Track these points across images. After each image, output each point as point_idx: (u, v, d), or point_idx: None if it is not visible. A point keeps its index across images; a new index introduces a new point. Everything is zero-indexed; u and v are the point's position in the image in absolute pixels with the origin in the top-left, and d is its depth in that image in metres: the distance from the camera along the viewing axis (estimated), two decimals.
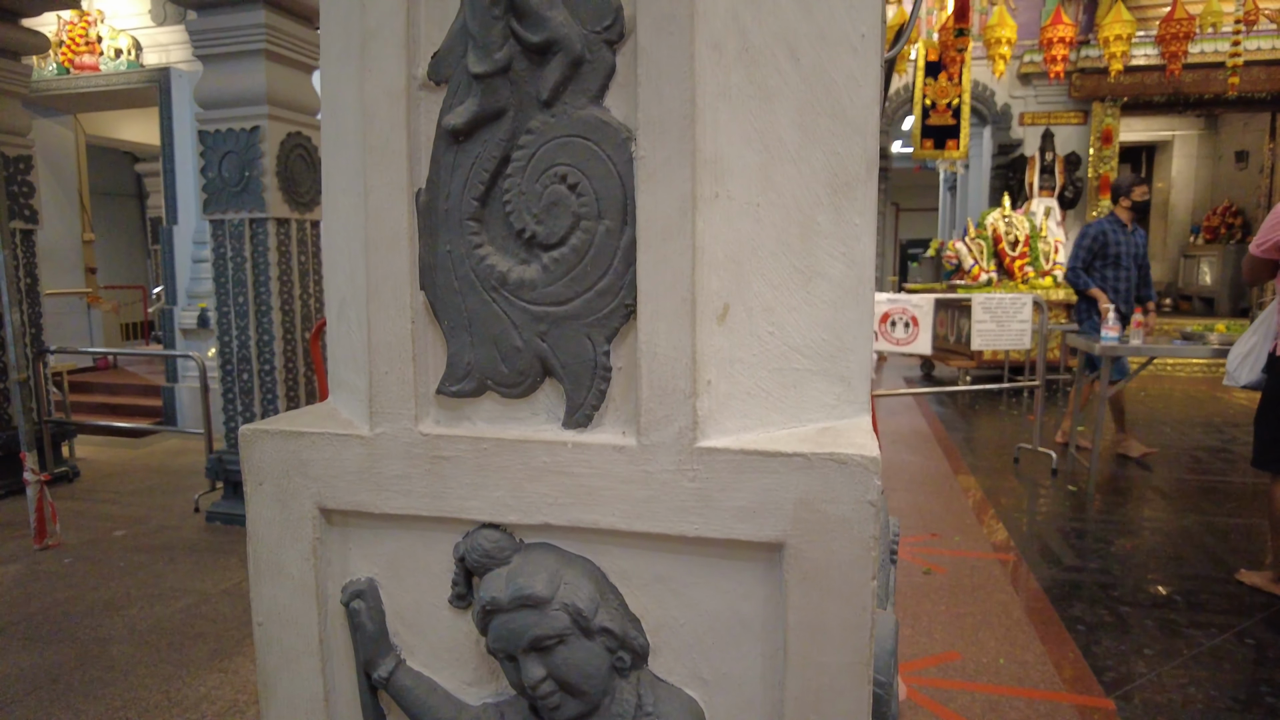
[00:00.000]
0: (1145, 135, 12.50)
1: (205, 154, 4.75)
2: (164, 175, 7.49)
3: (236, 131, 4.73)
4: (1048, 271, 8.78)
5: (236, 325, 4.83)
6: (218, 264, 4.81)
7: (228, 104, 4.64)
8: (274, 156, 4.73)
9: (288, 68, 4.74)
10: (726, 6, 0.70)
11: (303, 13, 4.77)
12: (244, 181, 4.73)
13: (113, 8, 7.68)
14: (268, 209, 4.72)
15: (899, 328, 5.34)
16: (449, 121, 0.75)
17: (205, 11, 4.64)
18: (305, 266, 5.11)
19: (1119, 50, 8.59)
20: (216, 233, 4.78)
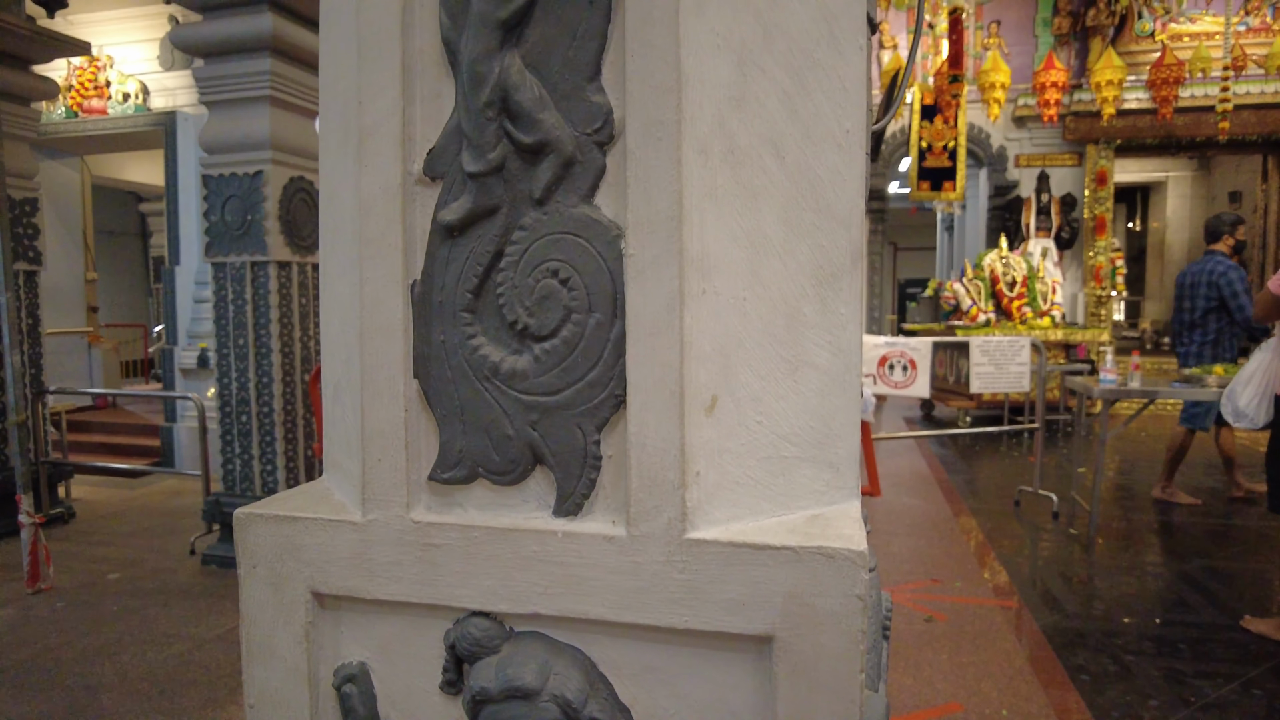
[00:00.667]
0: (1140, 176, 12.64)
1: (208, 198, 4.80)
2: (167, 216, 7.57)
3: (240, 176, 4.78)
4: (1045, 312, 8.82)
5: (236, 367, 4.84)
6: (219, 306, 4.84)
7: (232, 149, 4.70)
8: (276, 200, 4.77)
9: (291, 113, 4.81)
10: (713, 112, 0.73)
11: (307, 60, 4.85)
12: (246, 225, 4.77)
13: (122, 53, 7.83)
14: (269, 252, 4.75)
15: (897, 370, 5.35)
16: (444, 218, 0.76)
17: (213, 59, 4.72)
18: (306, 309, 5.13)
19: (1111, 95, 8.74)
20: (218, 275, 4.81)
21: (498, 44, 0.74)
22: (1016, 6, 10.11)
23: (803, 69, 0.76)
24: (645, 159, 0.71)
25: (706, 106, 0.72)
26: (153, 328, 11.15)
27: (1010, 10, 10.11)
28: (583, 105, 0.74)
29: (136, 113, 7.66)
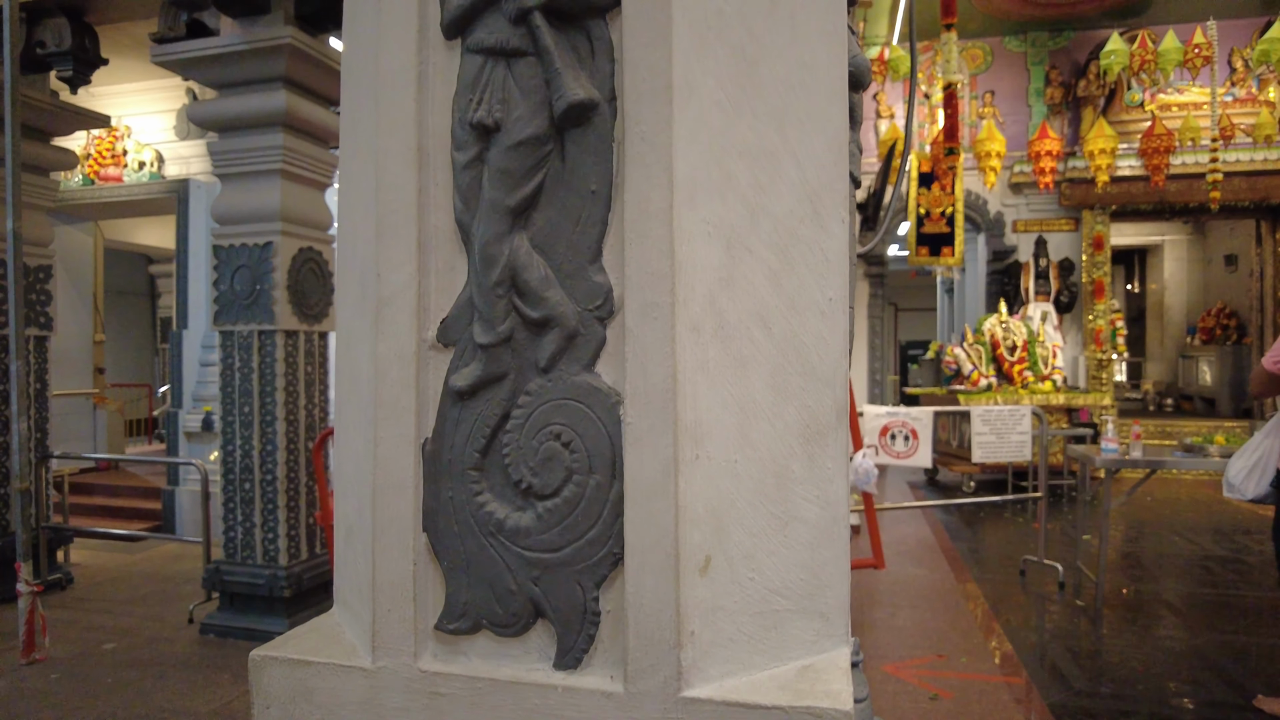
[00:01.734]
0: (1136, 239, 12.82)
1: (218, 267, 4.89)
2: (177, 280, 7.69)
3: (250, 247, 4.86)
4: (1047, 376, 8.86)
5: (241, 435, 4.87)
6: (225, 374, 4.89)
7: (243, 220, 4.79)
8: (285, 270, 4.85)
9: (302, 185, 4.93)
10: (704, 292, 0.78)
11: (319, 134, 4.99)
12: (254, 295, 4.85)
13: (140, 123, 8.06)
14: (277, 321, 4.81)
15: (899, 440, 5.37)
16: (455, 383, 0.81)
17: (227, 133, 4.86)
18: (311, 376, 5.18)
19: (1104, 163, 8.93)
20: (225, 343, 4.87)
21: (507, 228, 0.80)
22: (1009, 77, 10.40)
23: (787, 246, 0.82)
24: (642, 336, 0.76)
25: (698, 288, 0.77)
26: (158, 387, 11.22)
27: (1003, 81, 10.39)
28: (585, 284, 0.79)
29: (151, 180, 7.86)
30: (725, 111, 0.80)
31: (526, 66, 0.80)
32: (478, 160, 0.81)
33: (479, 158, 0.81)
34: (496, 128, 0.80)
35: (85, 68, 5.82)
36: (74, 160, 6.07)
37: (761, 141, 0.82)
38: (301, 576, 4.77)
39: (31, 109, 5.48)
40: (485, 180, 0.81)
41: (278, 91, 4.71)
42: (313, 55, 4.70)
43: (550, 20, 0.79)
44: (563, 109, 0.78)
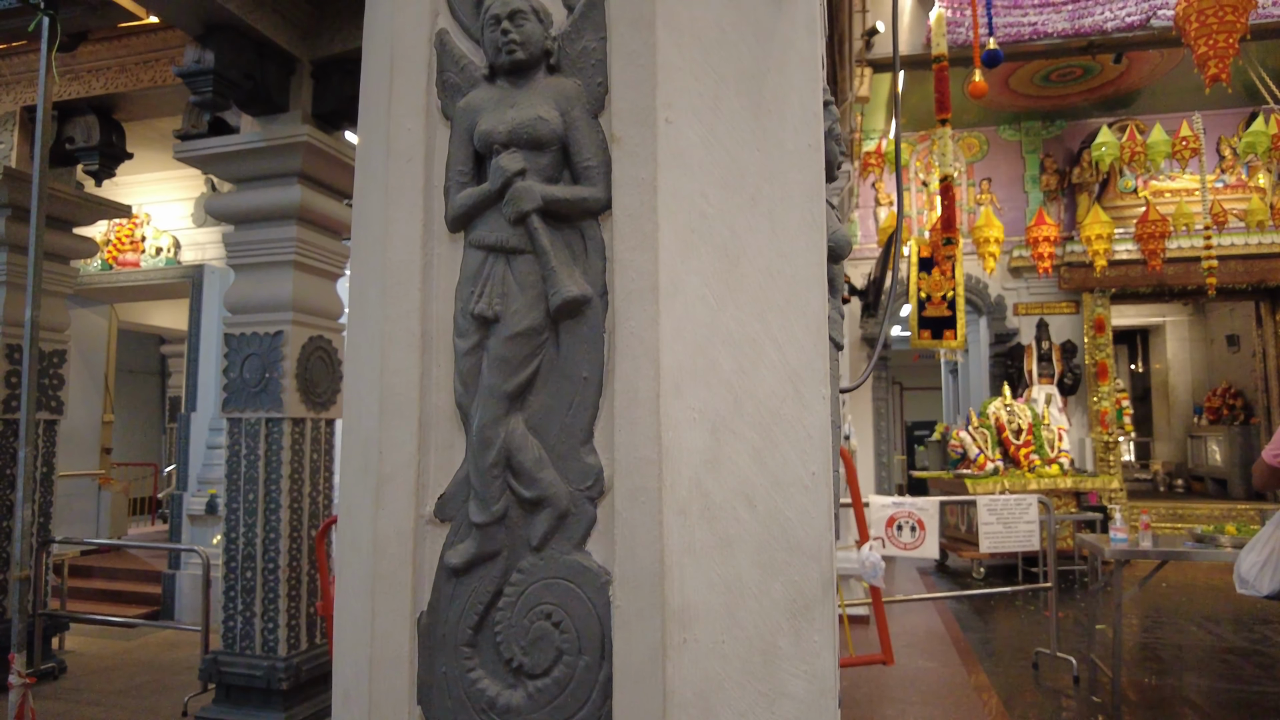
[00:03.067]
0: (1137, 320, 12.90)
1: (229, 355, 4.95)
2: (187, 364, 7.79)
3: (260, 335, 4.94)
4: (1053, 459, 8.81)
5: (245, 522, 4.86)
6: (231, 460, 4.90)
7: (255, 309, 4.88)
8: (295, 359, 4.91)
9: (314, 276, 5.03)
10: (690, 475, 0.82)
11: (331, 226, 5.13)
12: (264, 383, 4.90)
13: (159, 211, 8.30)
14: (285, 409, 4.85)
15: (905, 532, 5.33)
16: (450, 559, 0.84)
17: (243, 225, 5.00)
18: (317, 464, 5.19)
19: (1101, 248, 9.08)
20: (233, 430, 4.90)
21: (504, 411, 0.84)
22: (1005, 165, 10.67)
23: (770, 425, 0.86)
24: (631, 520, 0.79)
25: (684, 472, 0.81)
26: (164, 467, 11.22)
27: (1000, 168, 10.66)
28: (577, 464, 0.83)
29: (167, 266, 8.05)
30: (709, 305, 0.85)
31: (525, 263, 0.85)
32: (478, 347, 0.86)
33: (479, 345, 0.86)
34: (496, 319, 0.85)
35: (111, 162, 6.03)
36: (94, 249, 6.23)
37: (744, 329, 0.87)
38: (300, 668, 4.69)
39: (57, 201, 5.67)
40: (485, 366, 0.86)
41: (293, 186, 4.87)
42: (328, 151, 4.87)
43: (547, 221, 0.85)
44: (558, 304, 0.83)
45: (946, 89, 6.23)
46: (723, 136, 0.89)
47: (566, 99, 0.87)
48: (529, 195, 0.85)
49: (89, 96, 5.60)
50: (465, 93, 0.90)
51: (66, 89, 5.56)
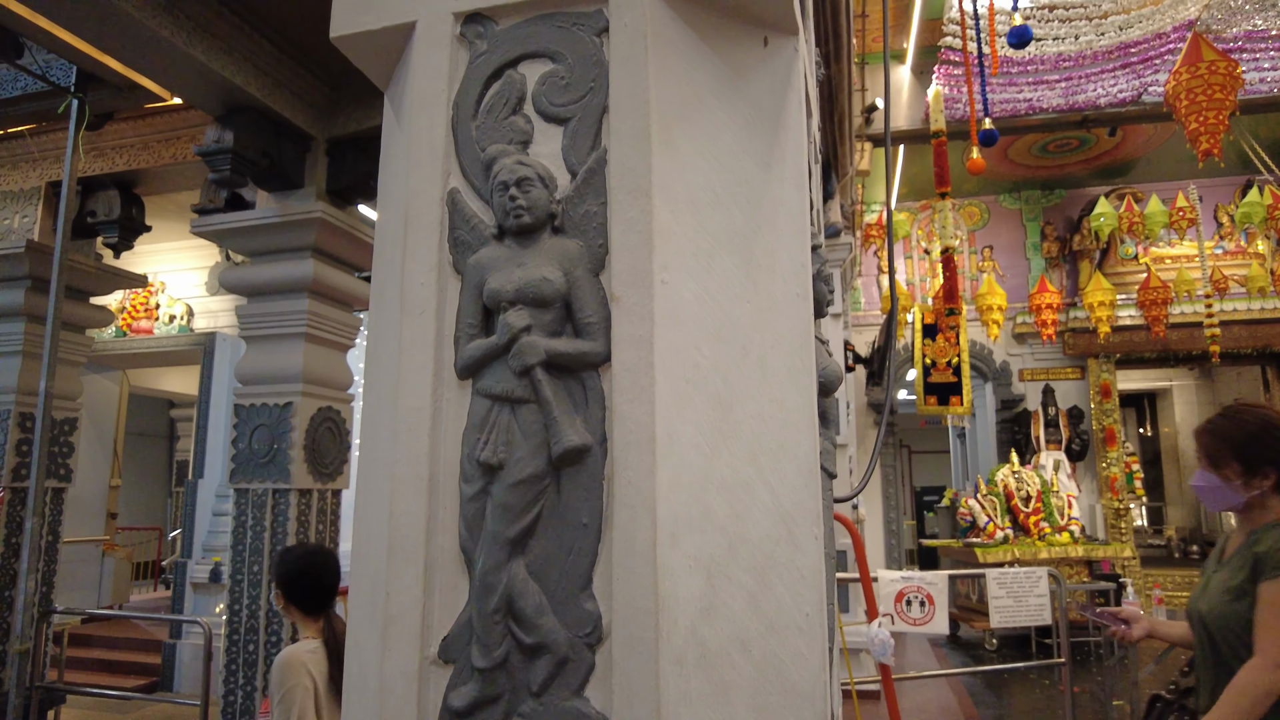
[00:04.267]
0: (1144, 384, 12.87)
1: (238, 426, 4.99)
2: (196, 430, 7.84)
3: (270, 406, 4.98)
4: (1064, 526, 8.70)
5: (249, 594, 4.83)
6: (237, 531, 4.90)
7: (265, 381, 4.93)
8: (303, 430, 4.94)
9: (325, 347, 5.10)
10: (686, 624, 0.84)
11: (343, 298, 5.22)
12: (272, 454, 4.92)
13: (174, 279, 8.46)
14: (292, 480, 4.86)
15: (914, 606, 5.25)
16: (453, 702, 0.87)
17: (256, 298, 5.09)
18: (323, 535, 5.18)
19: (1104, 314, 9.14)
20: (240, 500, 4.91)
21: (506, 557, 0.88)
22: (1006, 232, 10.82)
23: (764, 569, 0.89)
24: (628, 669, 0.82)
25: (681, 620, 0.84)
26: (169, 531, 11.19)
27: (1001, 236, 10.81)
28: (576, 610, 0.86)
29: (180, 333, 8.17)
30: (704, 453, 0.89)
31: (529, 412, 0.90)
32: (482, 493, 0.90)
33: (484, 491, 0.90)
34: (500, 466, 0.89)
35: (130, 234, 6.17)
36: (110, 318, 6.33)
37: (737, 475, 0.91)
38: None
39: (76, 272, 5.78)
40: (489, 512, 0.89)
41: (306, 260, 4.97)
42: (341, 227, 4.99)
43: (550, 372, 0.90)
44: (559, 452, 0.88)
45: (945, 163, 6.39)
46: (715, 292, 0.94)
47: (570, 259, 0.93)
48: (533, 350, 0.90)
49: (112, 172, 5.76)
50: (475, 249, 0.96)
51: (91, 165, 5.73)
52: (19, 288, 5.60)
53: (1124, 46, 6.82)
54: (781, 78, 1.04)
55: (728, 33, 1.02)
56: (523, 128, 0.98)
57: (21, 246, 5.46)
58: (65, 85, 4.92)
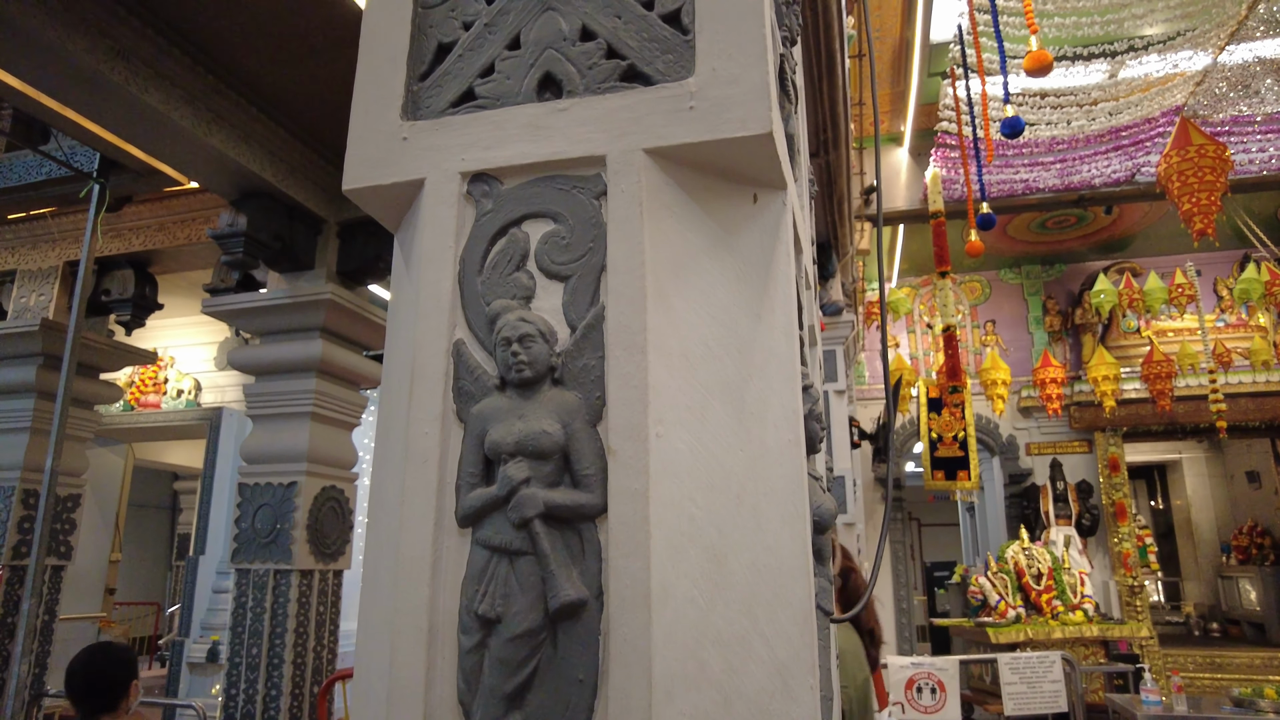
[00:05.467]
0: (1153, 457, 12.76)
1: (241, 506, 4.98)
2: (199, 506, 7.82)
3: (274, 486, 4.98)
4: (1077, 605, 8.53)
5: (246, 677, 4.75)
6: (237, 613, 4.84)
7: (270, 460, 4.95)
8: (306, 510, 4.93)
9: (331, 426, 5.12)
10: None
11: (350, 378, 5.27)
12: (274, 534, 4.90)
13: (183, 354, 8.57)
14: (294, 561, 4.83)
15: (925, 694, 5.14)
16: None
17: (264, 377, 5.14)
18: (323, 616, 5.12)
19: (1109, 389, 9.15)
20: (240, 581, 4.87)
21: (503, 712, 0.88)
22: (1008, 306, 10.91)
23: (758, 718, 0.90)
24: None
25: None
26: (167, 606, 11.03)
27: (1003, 310, 10.90)
28: None
29: (187, 408, 8.23)
30: (699, 607, 0.91)
31: (527, 564, 0.92)
32: (480, 645, 0.91)
33: (482, 644, 0.91)
34: (498, 619, 0.91)
35: (143, 313, 6.27)
36: (119, 394, 6.39)
37: (732, 628, 0.92)
38: None
39: (87, 349, 5.86)
40: (486, 665, 0.91)
41: (315, 340, 5.04)
42: (350, 308, 5.07)
43: (548, 524, 0.92)
44: (556, 607, 0.89)
45: (945, 243, 6.50)
46: (709, 443, 0.97)
47: (568, 411, 0.96)
48: (532, 502, 0.92)
49: (128, 252, 5.88)
50: (478, 399, 0.99)
51: (108, 246, 5.86)
52: (31, 364, 5.67)
53: (1115, 131, 7.01)
54: (770, 232, 1.09)
55: (719, 192, 1.08)
56: (525, 284, 1.03)
57: (36, 324, 5.56)
58: (88, 171, 5.09)
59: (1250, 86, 6.50)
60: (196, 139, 4.15)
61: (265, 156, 4.61)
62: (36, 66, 3.54)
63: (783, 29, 1.30)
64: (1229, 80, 6.47)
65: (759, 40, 1.02)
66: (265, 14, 3.68)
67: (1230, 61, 6.56)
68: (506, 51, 1.12)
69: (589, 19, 1.10)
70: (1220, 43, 6.12)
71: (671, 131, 1.01)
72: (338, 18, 3.63)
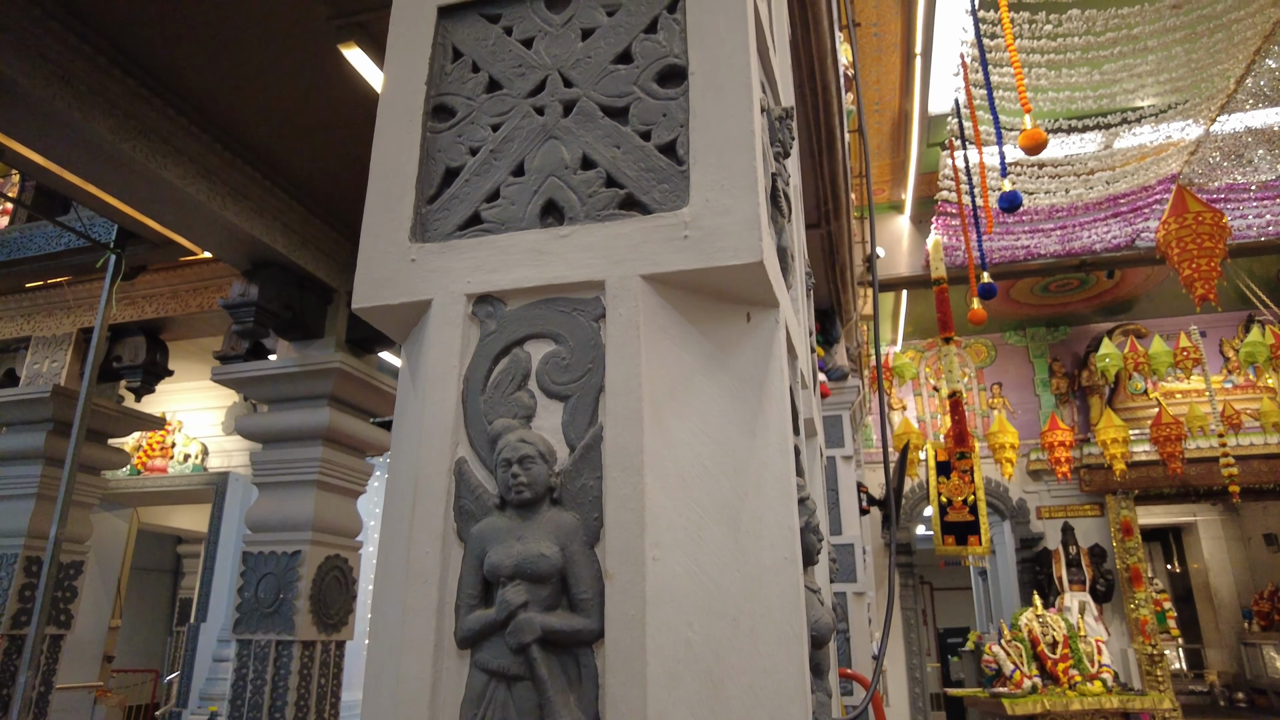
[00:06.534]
0: (1167, 519, 12.58)
1: (245, 575, 4.95)
2: (202, 573, 7.77)
3: (278, 555, 4.96)
4: (1095, 675, 8.30)
5: None
6: (237, 684, 4.77)
7: (275, 528, 4.94)
8: (310, 580, 4.90)
9: (336, 494, 5.13)
10: None
11: (356, 445, 5.29)
12: (277, 604, 4.86)
13: (191, 419, 8.61)
14: (296, 632, 4.78)
15: None
16: None
17: (271, 445, 5.16)
18: (324, 689, 5.05)
19: (1118, 451, 9.08)
20: (242, 652, 4.81)
21: None
22: (1014, 369, 10.91)
23: None
24: None
25: None
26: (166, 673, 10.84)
27: (1009, 373, 10.90)
28: None
29: (194, 472, 8.24)
30: None
31: (524, 689, 0.93)
32: None
33: None
34: None
35: (153, 379, 6.33)
36: (126, 460, 6.41)
37: None
38: None
39: (97, 415, 5.91)
40: None
41: (322, 409, 5.08)
42: (359, 376, 5.12)
43: (546, 648, 0.93)
44: None
45: (948, 310, 6.55)
46: (705, 565, 0.99)
47: (566, 534, 0.98)
48: (529, 628, 0.94)
49: (140, 320, 5.98)
50: (478, 519, 1.01)
51: (121, 313, 5.95)
52: (40, 430, 5.71)
53: (1113, 198, 7.12)
54: (764, 349, 1.12)
55: (714, 312, 1.11)
56: (526, 403, 1.06)
57: (47, 391, 5.62)
58: (106, 241, 5.21)
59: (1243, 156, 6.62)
60: (212, 212, 4.27)
61: (278, 228, 4.72)
62: (62, 144, 3.68)
63: (775, 145, 1.35)
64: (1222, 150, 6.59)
65: (750, 173, 1.07)
66: (282, 93, 3.83)
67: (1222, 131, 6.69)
68: (511, 178, 1.18)
69: (589, 148, 1.15)
70: (1211, 114, 6.26)
71: (667, 259, 1.05)
72: (350, 97, 3.77)
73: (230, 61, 3.61)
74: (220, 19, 3.34)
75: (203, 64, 3.61)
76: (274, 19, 3.38)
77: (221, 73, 3.67)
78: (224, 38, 3.45)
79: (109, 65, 3.54)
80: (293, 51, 3.55)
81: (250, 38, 3.46)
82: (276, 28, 3.42)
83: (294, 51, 3.55)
